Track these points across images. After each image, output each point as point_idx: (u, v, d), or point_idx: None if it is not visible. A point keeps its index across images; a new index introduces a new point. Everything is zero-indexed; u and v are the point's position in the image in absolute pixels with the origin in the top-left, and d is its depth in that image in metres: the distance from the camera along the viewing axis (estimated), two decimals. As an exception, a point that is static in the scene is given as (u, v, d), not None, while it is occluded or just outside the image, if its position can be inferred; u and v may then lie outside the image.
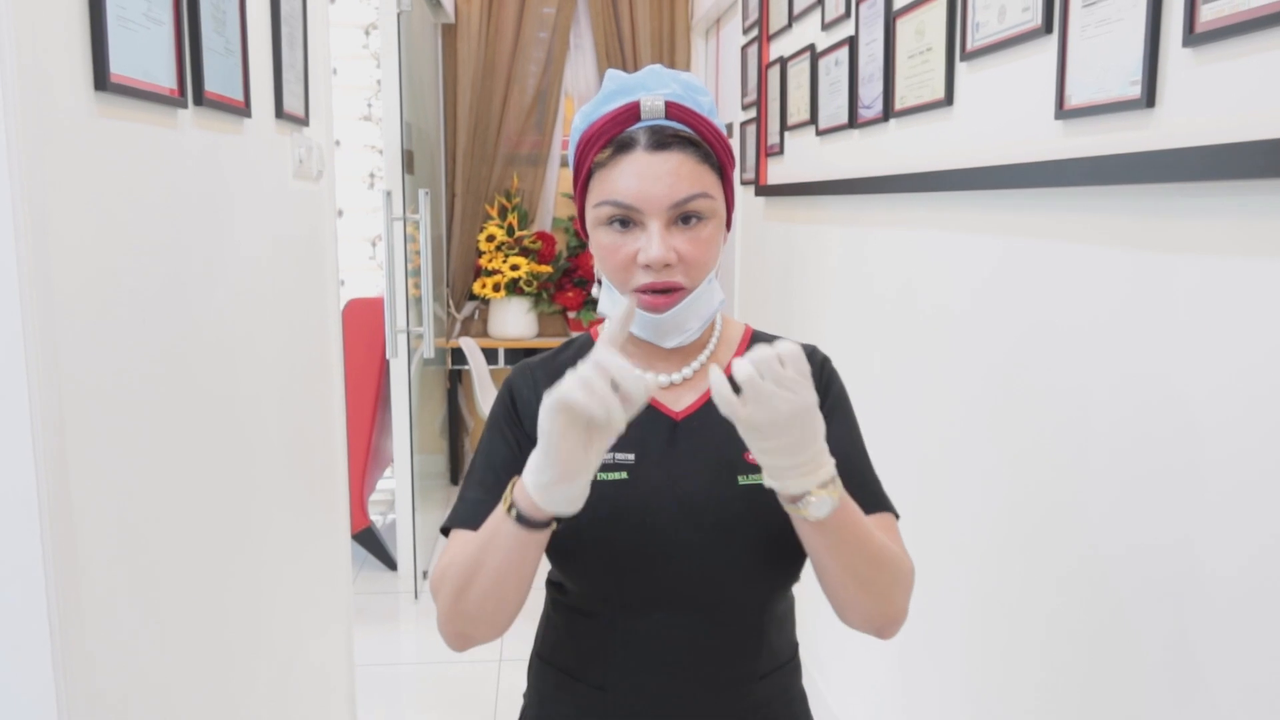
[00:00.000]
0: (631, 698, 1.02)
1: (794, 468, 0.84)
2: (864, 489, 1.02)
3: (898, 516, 1.05)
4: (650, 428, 1.01)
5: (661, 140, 0.95)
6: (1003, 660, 1.55)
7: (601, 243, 0.98)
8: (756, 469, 0.98)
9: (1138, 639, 1.19)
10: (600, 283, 1.03)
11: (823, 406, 1.04)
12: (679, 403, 1.03)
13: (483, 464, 1.06)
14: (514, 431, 1.05)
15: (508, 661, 2.97)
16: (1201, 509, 1.07)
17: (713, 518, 0.96)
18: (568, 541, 0.99)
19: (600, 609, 1.02)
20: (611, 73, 1.01)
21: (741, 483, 0.98)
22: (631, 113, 0.97)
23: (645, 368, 1.04)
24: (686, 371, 1.04)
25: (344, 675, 2.33)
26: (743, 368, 0.80)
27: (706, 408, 1.02)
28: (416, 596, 3.43)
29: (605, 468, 0.99)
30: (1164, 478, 1.14)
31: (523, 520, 0.87)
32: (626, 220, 0.96)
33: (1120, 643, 1.23)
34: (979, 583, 1.62)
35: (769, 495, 0.97)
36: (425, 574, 3.59)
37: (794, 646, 1.10)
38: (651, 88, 0.99)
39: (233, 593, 1.55)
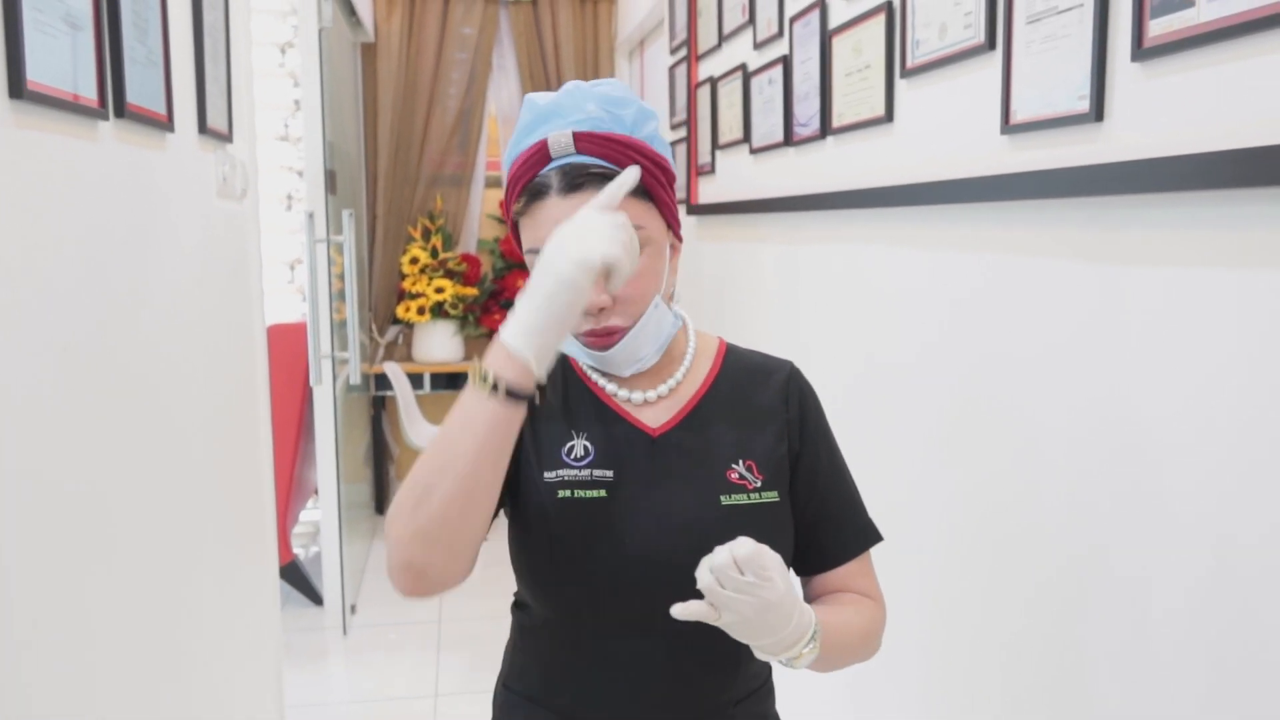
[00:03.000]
0: None
1: (773, 645, 0.87)
2: (849, 529, 1.04)
3: (881, 539, 1.05)
4: (627, 445, 0.98)
5: (573, 182, 0.91)
6: (961, 684, 1.55)
7: None
8: (740, 488, 0.97)
9: (1097, 661, 1.20)
10: None
11: (803, 437, 1.03)
12: (655, 419, 1.01)
13: None
14: None
15: (444, 696, 2.87)
16: (1165, 526, 1.09)
17: (694, 539, 0.93)
18: (542, 560, 0.96)
19: (572, 632, 0.99)
20: (529, 100, 0.96)
21: (725, 503, 0.96)
22: (541, 154, 0.92)
23: (619, 384, 1.02)
24: (662, 389, 1.01)
25: (273, 718, 2.22)
26: (704, 578, 0.83)
27: (684, 424, 1.00)
28: (345, 632, 3.30)
29: (583, 484, 0.96)
30: (1126, 497, 1.15)
31: (512, 393, 0.81)
32: None
33: (1080, 665, 1.23)
34: (937, 605, 1.62)
35: (752, 515, 0.95)
36: (353, 608, 3.46)
37: (768, 669, 1.08)
38: (567, 112, 0.93)
39: (156, 632, 1.45)
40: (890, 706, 1.78)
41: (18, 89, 1.02)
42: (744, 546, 0.82)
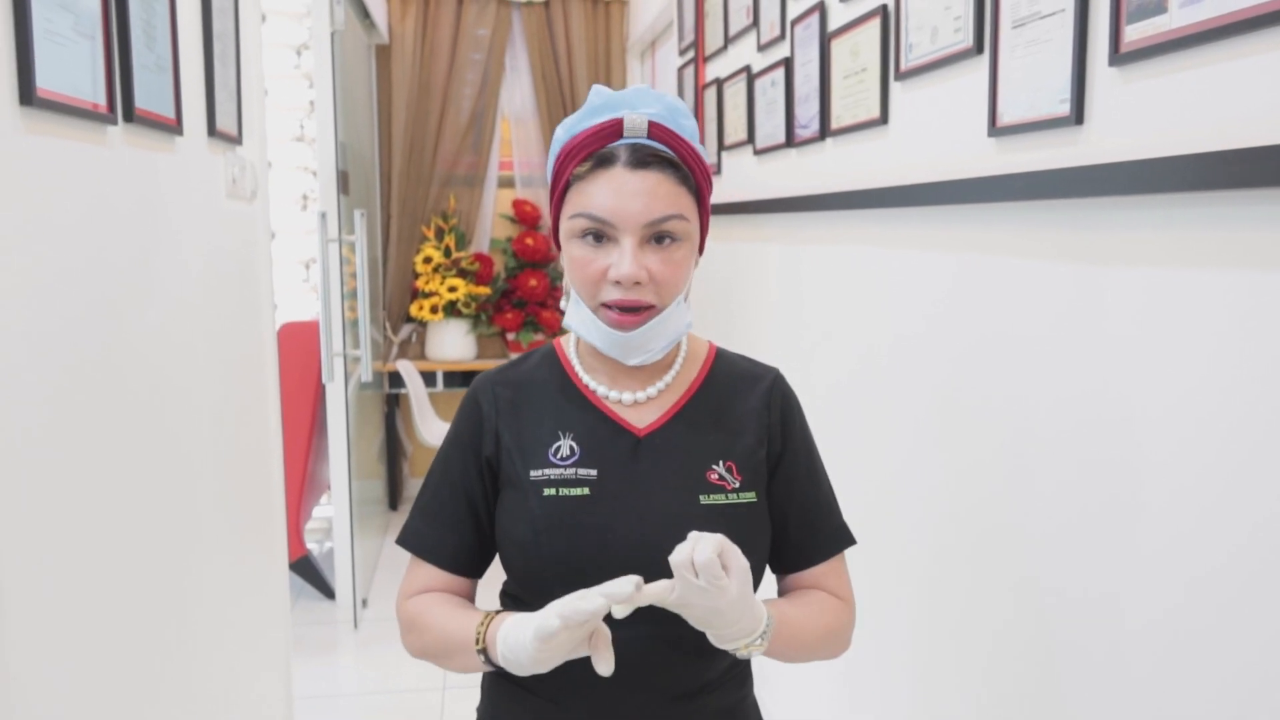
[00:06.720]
0: (585, 710, 1.02)
1: (730, 638, 0.92)
2: (823, 531, 1.06)
3: (854, 542, 1.08)
4: (613, 444, 1.01)
5: (641, 159, 0.96)
6: (948, 675, 1.57)
7: (574, 255, 0.99)
8: (719, 488, 1.00)
9: (1082, 652, 1.21)
10: (568, 295, 1.04)
11: (784, 441, 1.06)
12: (642, 420, 1.04)
13: (434, 486, 1.07)
14: (471, 456, 1.05)
15: (451, 689, 2.91)
16: (1142, 523, 1.10)
17: (673, 535, 0.96)
18: (528, 556, 0.99)
19: None
20: (598, 88, 1.03)
21: (704, 502, 0.99)
22: (615, 129, 0.97)
23: (609, 384, 1.05)
24: (651, 390, 1.05)
25: (283, 708, 2.26)
26: (674, 562, 0.85)
27: (669, 425, 1.03)
28: (356, 626, 3.35)
29: (567, 483, 0.99)
30: (1105, 493, 1.17)
31: (490, 663, 0.96)
32: (600, 235, 0.97)
33: (1064, 656, 1.25)
34: (924, 597, 1.64)
35: (730, 514, 0.98)
36: (365, 602, 3.51)
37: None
38: (636, 106, 1.00)
39: (166, 626, 1.50)
40: (878, 694, 1.80)
41: (28, 96, 1.06)
42: (705, 551, 0.85)
